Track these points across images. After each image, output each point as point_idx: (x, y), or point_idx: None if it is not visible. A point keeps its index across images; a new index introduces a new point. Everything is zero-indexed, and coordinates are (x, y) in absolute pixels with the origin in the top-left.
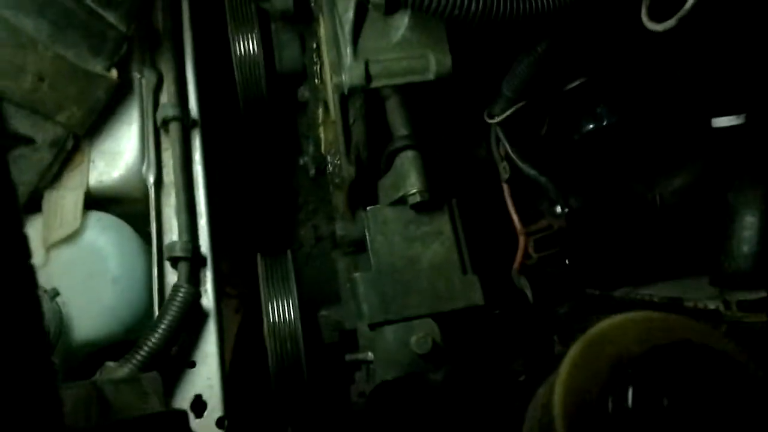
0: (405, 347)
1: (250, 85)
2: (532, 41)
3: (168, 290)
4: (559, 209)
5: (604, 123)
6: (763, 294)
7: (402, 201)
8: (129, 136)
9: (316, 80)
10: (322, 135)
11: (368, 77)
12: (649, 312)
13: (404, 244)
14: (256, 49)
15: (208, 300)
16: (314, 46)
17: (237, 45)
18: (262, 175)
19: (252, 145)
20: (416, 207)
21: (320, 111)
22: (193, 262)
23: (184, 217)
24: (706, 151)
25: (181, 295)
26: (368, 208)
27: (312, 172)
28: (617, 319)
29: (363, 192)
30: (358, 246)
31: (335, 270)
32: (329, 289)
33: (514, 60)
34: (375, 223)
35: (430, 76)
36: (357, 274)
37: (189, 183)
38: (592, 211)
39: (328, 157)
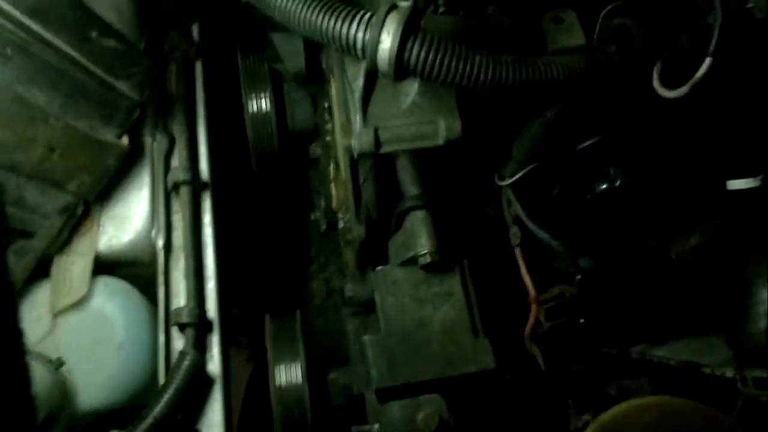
0: (411, 424)
1: (263, 142)
2: (542, 105)
3: (174, 356)
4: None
5: (617, 184)
6: None
7: (412, 261)
8: (139, 201)
9: (327, 138)
10: (333, 191)
11: (378, 143)
12: (661, 398)
13: (414, 305)
14: (268, 107)
15: (214, 366)
16: (326, 105)
17: (250, 104)
18: (274, 230)
19: (264, 202)
20: (427, 268)
21: (331, 168)
22: (199, 328)
23: (192, 281)
24: (723, 211)
25: (187, 362)
26: (378, 268)
27: (323, 227)
28: (630, 404)
29: (373, 252)
30: (368, 306)
31: (346, 333)
32: (339, 345)
33: (525, 123)
34: (385, 284)
35: (440, 141)
36: (366, 338)
37: (198, 246)
38: (605, 272)
39: (339, 213)
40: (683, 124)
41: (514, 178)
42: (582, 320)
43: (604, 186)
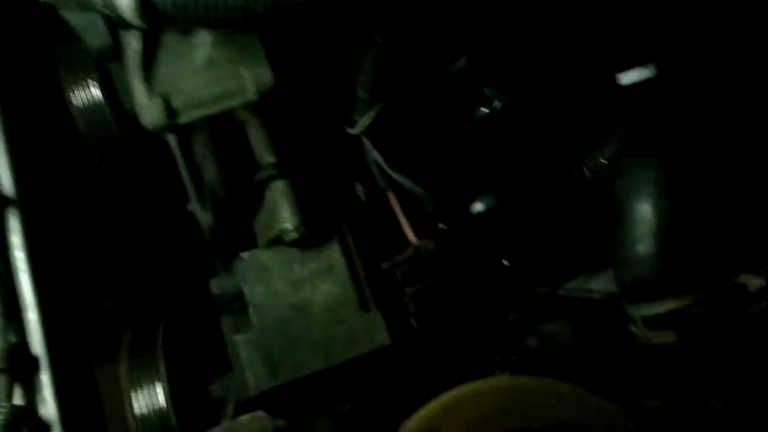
0: None
1: (100, 132)
2: (368, 33)
3: None
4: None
5: (497, 105)
6: (670, 305)
7: (279, 240)
8: None
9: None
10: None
11: (172, 112)
12: (493, 380)
13: (290, 290)
14: (97, 92)
15: (47, 409)
16: None
17: (75, 94)
18: (155, 229)
19: (124, 196)
20: (296, 244)
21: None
22: (13, 371)
23: (1, 317)
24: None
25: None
26: (242, 255)
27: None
28: (446, 398)
29: (233, 237)
30: (242, 301)
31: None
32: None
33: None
34: (253, 272)
35: (251, 96)
36: (237, 337)
37: (5, 274)
38: (509, 208)
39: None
40: (555, 17)
41: (364, 122)
42: (505, 262)
43: (483, 110)
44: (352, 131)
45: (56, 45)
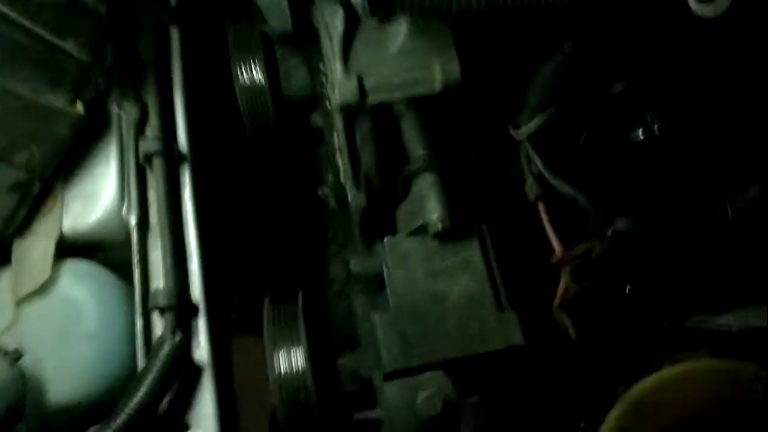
0: (411, 408)
1: (257, 114)
2: (556, 39)
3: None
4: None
5: (656, 130)
6: None
7: (423, 230)
8: (107, 176)
9: (328, 104)
10: (340, 162)
11: (363, 92)
12: (707, 361)
13: (428, 279)
14: (261, 76)
15: (202, 353)
16: (322, 67)
17: (240, 73)
18: (282, 210)
19: (266, 179)
20: (439, 236)
21: (335, 137)
22: (180, 310)
23: (170, 260)
24: None
25: (166, 348)
26: (386, 239)
27: (332, 202)
28: (668, 372)
29: (379, 222)
30: (378, 283)
31: (355, 313)
32: (353, 328)
33: (538, 64)
34: (393, 257)
35: (436, 87)
36: (375, 315)
37: (177, 223)
38: (647, 233)
39: (348, 186)
40: (726, 53)
41: (530, 127)
42: (628, 289)
43: (641, 134)
44: (516, 134)
45: (230, 24)
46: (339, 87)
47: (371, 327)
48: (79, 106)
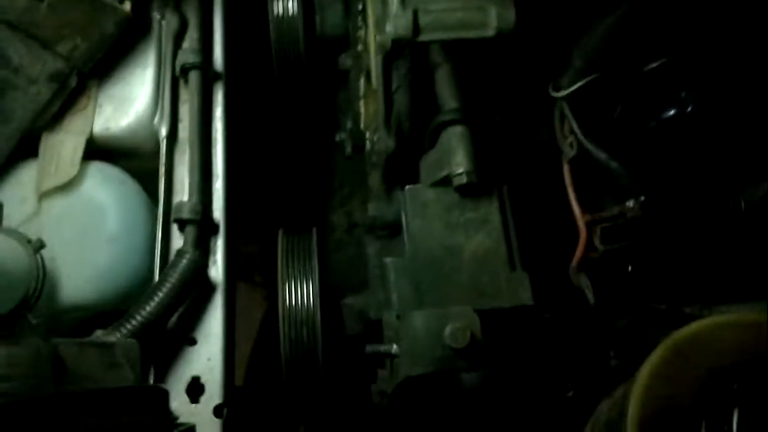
0: (437, 338)
1: (287, 47)
2: (610, 3)
3: (173, 256)
4: (632, 202)
5: (689, 110)
6: None
7: (446, 182)
8: (143, 82)
9: (359, 47)
10: (362, 109)
11: (416, 29)
12: (756, 314)
13: (445, 230)
14: (295, 8)
15: (217, 272)
16: (359, 7)
17: (275, 4)
18: (296, 150)
19: (286, 114)
20: (461, 190)
21: (362, 82)
22: (202, 226)
23: (197, 176)
24: None
25: (185, 261)
26: (407, 187)
27: (348, 149)
28: (716, 320)
29: (402, 169)
30: (393, 229)
31: (365, 257)
32: (358, 278)
33: (589, 25)
34: (413, 205)
35: (490, 31)
36: (388, 259)
37: (206, 139)
38: (671, 208)
39: (367, 134)
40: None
41: (572, 89)
42: (630, 268)
43: (673, 111)
44: (557, 94)
45: None
46: (395, 20)
47: (383, 270)
48: (127, 5)
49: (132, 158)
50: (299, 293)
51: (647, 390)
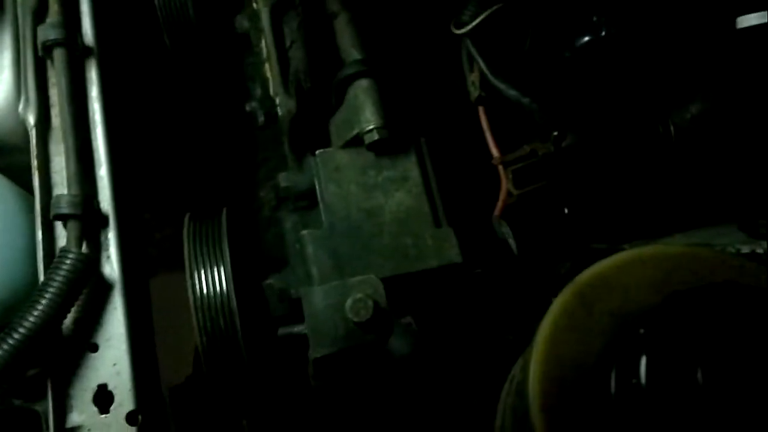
0: (338, 314)
1: (174, 11)
2: None
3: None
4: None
5: (602, 34)
6: None
7: (358, 141)
8: (0, 67)
9: (254, 4)
10: (268, 73)
11: None
12: (662, 246)
13: (362, 193)
14: None
15: (112, 268)
16: None
17: None
18: (207, 125)
19: (188, 87)
20: (374, 148)
21: (263, 43)
22: (85, 220)
23: (74, 165)
24: (730, 66)
25: (68, 261)
26: (317, 152)
27: (261, 119)
28: (617, 257)
29: (311, 133)
30: (309, 199)
31: (282, 231)
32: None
33: None
34: (326, 170)
35: None
36: (305, 232)
37: (82, 124)
38: (590, 145)
39: (277, 99)
40: None
41: (474, 23)
42: (566, 210)
43: (587, 38)
44: (459, 31)
45: None
46: None
47: (300, 244)
48: None
49: (1, 154)
50: (210, 280)
51: (550, 344)
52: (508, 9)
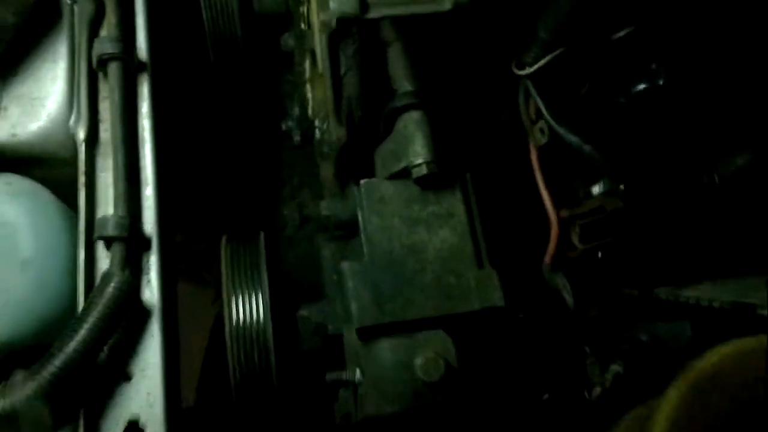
0: (406, 371)
1: (222, 27)
2: None
3: (99, 279)
4: (598, 188)
5: (660, 82)
6: None
7: (404, 174)
8: (54, 78)
9: (302, 25)
10: (309, 94)
11: (364, 4)
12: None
13: (406, 228)
14: None
15: (151, 293)
16: None
17: None
18: (239, 141)
19: (225, 103)
20: (422, 182)
21: (307, 64)
22: (131, 243)
23: (123, 184)
24: None
25: (112, 285)
26: (362, 181)
27: (297, 139)
28: (727, 349)
29: (356, 162)
30: (349, 229)
31: (320, 261)
32: (311, 281)
33: None
34: (370, 201)
35: (446, 4)
36: (345, 264)
37: (131, 141)
38: (649, 193)
39: (316, 121)
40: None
41: (538, 65)
42: (600, 255)
43: (643, 85)
44: (520, 72)
45: None
46: None
47: (340, 276)
48: None
49: (46, 167)
50: (248, 309)
51: None
52: (570, 52)
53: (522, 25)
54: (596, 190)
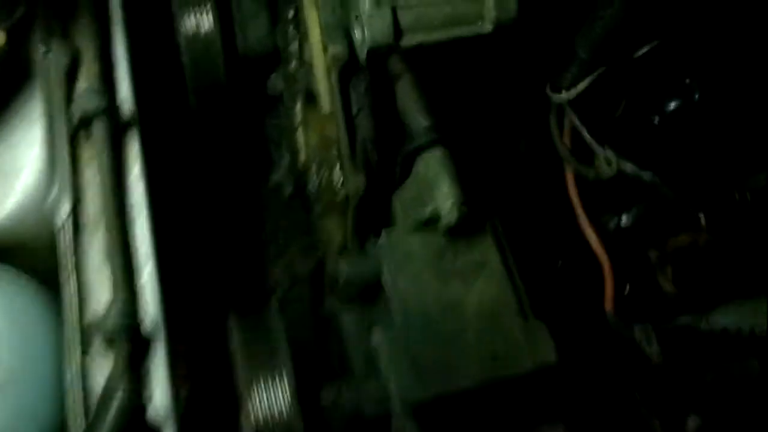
0: None
1: (204, 72)
2: None
3: (96, 392)
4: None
5: (696, 98)
6: None
7: (430, 221)
8: (29, 143)
9: (292, 64)
10: (301, 139)
11: (398, 31)
12: None
13: (438, 283)
14: (211, 24)
15: (159, 405)
16: (290, 15)
17: (186, 21)
18: (222, 197)
19: (208, 155)
20: (451, 230)
21: (298, 107)
22: (135, 343)
23: (119, 269)
24: None
25: (119, 398)
26: (383, 233)
27: (289, 189)
28: None
29: (374, 212)
30: (369, 292)
31: (340, 332)
32: (314, 348)
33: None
34: (395, 257)
35: (487, 25)
36: (377, 337)
37: (123, 213)
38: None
39: (313, 169)
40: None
41: (580, 88)
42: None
43: (676, 103)
44: (560, 96)
45: None
46: (369, 22)
47: (375, 352)
48: (1, 38)
49: (22, 250)
50: (273, 399)
51: None
52: (609, 73)
53: (555, 43)
54: (625, 220)
